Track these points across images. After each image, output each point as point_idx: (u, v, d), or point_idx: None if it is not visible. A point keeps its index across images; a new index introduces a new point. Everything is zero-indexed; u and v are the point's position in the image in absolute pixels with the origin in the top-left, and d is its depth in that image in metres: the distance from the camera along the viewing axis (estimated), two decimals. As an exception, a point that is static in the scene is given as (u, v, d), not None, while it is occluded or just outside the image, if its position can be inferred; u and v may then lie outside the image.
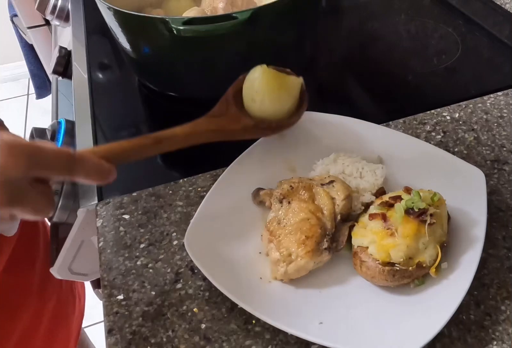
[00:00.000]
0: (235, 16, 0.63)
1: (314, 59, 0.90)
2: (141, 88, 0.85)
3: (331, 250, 0.51)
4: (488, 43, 0.89)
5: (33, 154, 0.37)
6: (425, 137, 0.68)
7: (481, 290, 0.51)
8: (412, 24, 0.97)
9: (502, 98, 0.74)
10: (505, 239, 0.55)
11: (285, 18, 0.70)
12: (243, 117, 0.57)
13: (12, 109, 2.57)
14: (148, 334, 0.50)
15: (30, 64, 1.77)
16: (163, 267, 0.55)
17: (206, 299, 0.52)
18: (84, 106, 0.81)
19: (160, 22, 0.64)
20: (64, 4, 1.12)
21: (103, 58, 0.95)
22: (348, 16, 1.04)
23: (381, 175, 0.58)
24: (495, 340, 0.47)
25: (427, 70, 0.84)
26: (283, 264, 0.50)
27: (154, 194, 0.64)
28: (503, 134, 0.68)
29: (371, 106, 0.80)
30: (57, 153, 0.38)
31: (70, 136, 0.78)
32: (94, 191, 0.66)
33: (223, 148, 0.56)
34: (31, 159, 0.37)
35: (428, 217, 0.48)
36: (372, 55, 0.89)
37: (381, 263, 0.48)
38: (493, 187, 0.61)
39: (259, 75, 0.57)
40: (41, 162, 0.38)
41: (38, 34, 1.64)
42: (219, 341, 0.49)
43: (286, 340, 0.48)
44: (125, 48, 0.76)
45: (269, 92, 0.56)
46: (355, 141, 0.63)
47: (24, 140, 0.37)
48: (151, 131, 0.51)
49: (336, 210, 0.53)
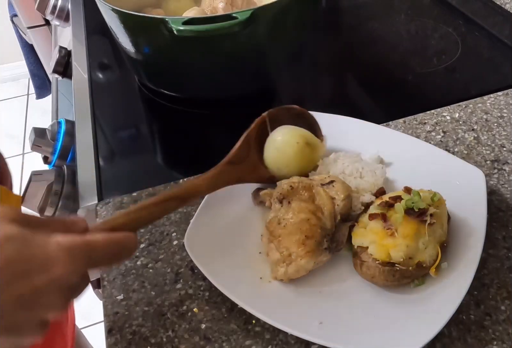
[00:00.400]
0: (235, 16, 0.63)
1: (314, 59, 0.90)
2: (141, 88, 0.85)
3: (331, 250, 0.51)
4: (488, 43, 0.89)
5: (90, 255, 0.35)
6: (425, 137, 0.68)
7: (481, 290, 0.51)
8: (412, 24, 0.97)
9: (502, 98, 0.74)
10: (505, 239, 0.55)
11: (285, 18, 0.70)
12: (261, 168, 0.58)
13: (12, 109, 2.57)
14: (148, 334, 0.50)
15: (30, 64, 1.77)
16: (163, 267, 0.55)
17: (206, 299, 0.52)
18: (84, 106, 0.81)
19: (160, 22, 0.64)
20: (64, 4, 1.12)
21: (103, 58, 0.95)
22: (348, 16, 1.04)
23: (381, 175, 0.58)
24: (495, 340, 0.47)
25: (427, 70, 0.84)
26: (283, 264, 0.50)
27: (154, 194, 0.64)
28: (503, 134, 0.68)
29: (371, 106, 0.80)
30: (108, 245, 0.37)
31: (70, 136, 0.78)
32: (94, 191, 0.66)
33: (223, 148, 0.56)
34: (89, 261, 0.36)
35: (428, 217, 0.48)
36: (372, 55, 0.89)
37: (381, 263, 0.48)
38: (493, 187, 0.61)
39: (291, 149, 0.57)
40: (97, 261, 0.37)
41: (38, 34, 1.64)
42: (219, 341, 0.49)
43: (286, 340, 0.48)
44: (125, 48, 0.76)
45: (298, 166, 0.57)
46: (355, 141, 0.63)
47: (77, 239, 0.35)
48: (151, 131, 0.51)
49: (336, 210, 0.53)
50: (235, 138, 0.57)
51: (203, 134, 0.75)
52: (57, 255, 0.33)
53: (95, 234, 0.37)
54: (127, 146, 0.78)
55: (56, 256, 0.33)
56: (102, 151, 0.73)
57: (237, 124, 0.57)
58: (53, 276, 0.33)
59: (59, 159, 0.78)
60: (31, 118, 2.48)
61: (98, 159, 0.71)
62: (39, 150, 0.79)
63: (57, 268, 0.33)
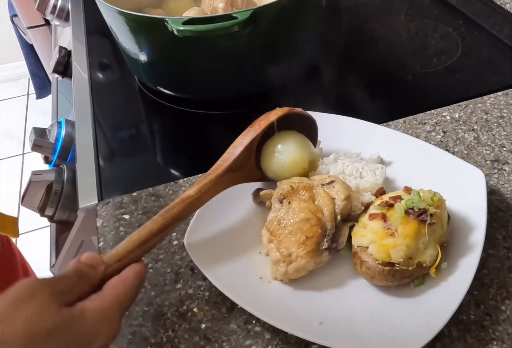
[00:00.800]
0: (235, 16, 0.63)
1: (314, 59, 0.90)
2: (141, 88, 0.85)
3: (331, 250, 0.51)
4: (488, 43, 0.89)
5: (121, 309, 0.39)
6: (425, 137, 0.68)
7: (481, 290, 0.51)
8: (412, 24, 0.97)
9: (502, 98, 0.74)
10: (505, 239, 0.55)
11: (285, 18, 0.70)
12: (256, 171, 0.57)
13: (12, 109, 2.57)
14: (148, 334, 0.50)
15: (30, 64, 1.77)
16: (163, 267, 0.55)
17: (206, 299, 0.52)
18: (84, 106, 0.81)
19: (160, 22, 0.64)
20: (64, 4, 1.12)
21: (103, 58, 0.95)
22: (348, 16, 1.04)
23: (381, 175, 0.58)
24: (495, 340, 0.47)
25: (427, 70, 0.84)
26: (283, 264, 0.50)
27: (154, 194, 0.64)
28: (503, 134, 0.68)
29: (371, 106, 0.79)
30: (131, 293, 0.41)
31: (70, 136, 0.78)
32: (94, 191, 0.66)
33: (223, 148, 0.55)
34: (122, 313, 0.40)
35: (428, 217, 0.48)
36: (372, 55, 0.89)
37: (381, 263, 0.48)
38: (493, 187, 0.61)
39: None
40: (127, 308, 0.41)
41: (38, 34, 1.64)
42: (219, 341, 0.49)
43: (286, 340, 0.48)
44: (125, 48, 0.76)
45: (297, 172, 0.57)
46: (355, 141, 0.63)
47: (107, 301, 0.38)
48: (151, 131, 0.51)
49: (336, 210, 0.53)
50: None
51: (203, 134, 0.75)
52: (97, 328, 0.37)
53: (116, 285, 0.40)
54: (127, 146, 0.78)
55: (96, 329, 0.37)
56: (102, 151, 0.73)
57: (237, 124, 0.57)
58: (100, 346, 0.37)
59: (59, 159, 0.78)
60: (31, 118, 2.49)
61: (98, 159, 0.71)
62: (39, 150, 0.79)
63: (101, 339, 0.37)
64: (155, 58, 0.75)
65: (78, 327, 0.36)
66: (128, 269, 0.42)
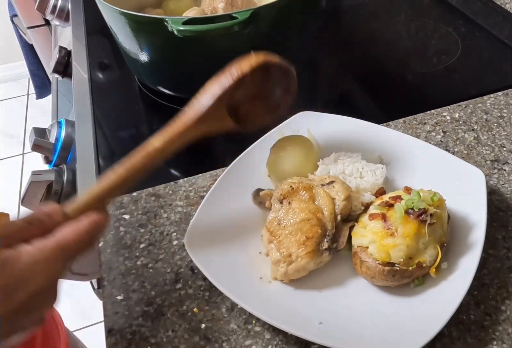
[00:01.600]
0: (235, 16, 0.63)
1: (314, 59, 0.90)
2: (141, 88, 0.85)
3: (332, 250, 0.51)
4: (488, 43, 0.89)
5: (64, 256, 0.38)
6: (425, 137, 0.68)
7: (481, 290, 0.51)
8: (412, 24, 0.97)
9: (502, 98, 0.74)
10: (505, 239, 0.55)
11: (285, 18, 0.70)
12: (226, 120, 0.53)
13: (12, 109, 2.57)
14: (148, 334, 0.50)
15: (30, 64, 1.77)
16: (163, 267, 0.55)
17: (206, 299, 0.52)
18: (84, 106, 0.81)
19: (160, 22, 0.64)
20: (64, 4, 1.12)
21: (103, 58, 0.95)
22: (348, 16, 1.04)
23: (381, 175, 0.58)
24: (495, 340, 0.47)
25: (427, 70, 0.84)
26: (283, 264, 0.50)
27: (154, 194, 0.64)
28: (503, 134, 0.68)
29: (371, 106, 0.80)
30: (80, 240, 0.39)
31: (70, 136, 0.78)
32: (94, 191, 0.65)
33: (223, 148, 0.55)
34: (65, 260, 0.38)
35: (428, 217, 0.48)
36: (372, 55, 0.89)
37: (381, 263, 0.48)
38: (493, 187, 0.61)
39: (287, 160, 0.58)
40: (72, 256, 0.39)
41: (38, 34, 1.64)
42: (219, 341, 0.49)
43: (286, 340, 0.48)
44: (125, 48, 0.76)
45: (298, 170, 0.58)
46: (355, 141, 0.63)
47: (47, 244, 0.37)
48: (151, 131, 0.51)
49: (336, 210, 0.53)
50: (235, 138, 0.56)
51: (203, 134, 0.75)
52: (32, 269, 0.36)
53: (64, 231, 0.39)
54: (127, 146, 0.77)
55: (31, 270, 0.36)
56: (102, 151, 0.73)
57: (237, 124, 0.57)
58: (36, 287, 0.36)
59: (59, 159, 0.78)
60: (31, 118, 2.48)
61: (98, 159, 0.71)
62: (39, 150, 0.79)
63: (37, 280, 0.36)
64: (155, 58, 0.75)
65: (10, 267, 0.35)
66: (84, 217, 0.41)
